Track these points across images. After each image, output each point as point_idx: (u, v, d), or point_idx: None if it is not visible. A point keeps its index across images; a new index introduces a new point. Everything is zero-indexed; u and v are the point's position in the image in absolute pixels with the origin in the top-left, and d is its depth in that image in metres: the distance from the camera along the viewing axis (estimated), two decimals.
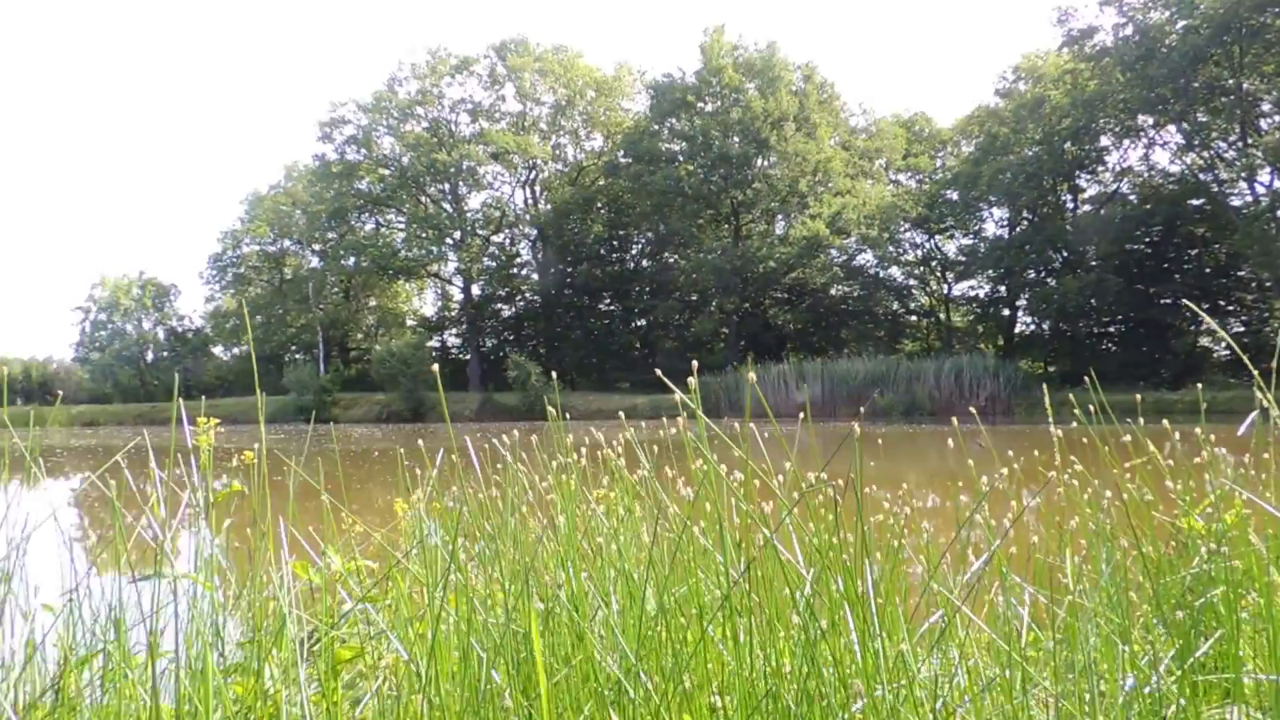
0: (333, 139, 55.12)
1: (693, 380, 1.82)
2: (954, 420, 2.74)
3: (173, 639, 2.21)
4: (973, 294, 48.48)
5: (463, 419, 42.24)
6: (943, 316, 50.16)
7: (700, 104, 49.17)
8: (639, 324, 55.50)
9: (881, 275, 49.57)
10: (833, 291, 49.13)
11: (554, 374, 2.96)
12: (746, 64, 48.31)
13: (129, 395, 56.46)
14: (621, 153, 52.40)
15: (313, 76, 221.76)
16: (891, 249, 47.20)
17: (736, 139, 47.30)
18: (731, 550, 1.88)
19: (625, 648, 1.72)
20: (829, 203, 46.82)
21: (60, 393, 53.87)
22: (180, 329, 64.69)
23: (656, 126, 50.46)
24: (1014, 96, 43.97)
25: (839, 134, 50.80)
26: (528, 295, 58.15)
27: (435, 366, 2.50)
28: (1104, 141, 41.28)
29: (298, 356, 57.62)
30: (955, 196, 45.04)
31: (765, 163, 48.41)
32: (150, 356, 62.75)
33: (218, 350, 64.34)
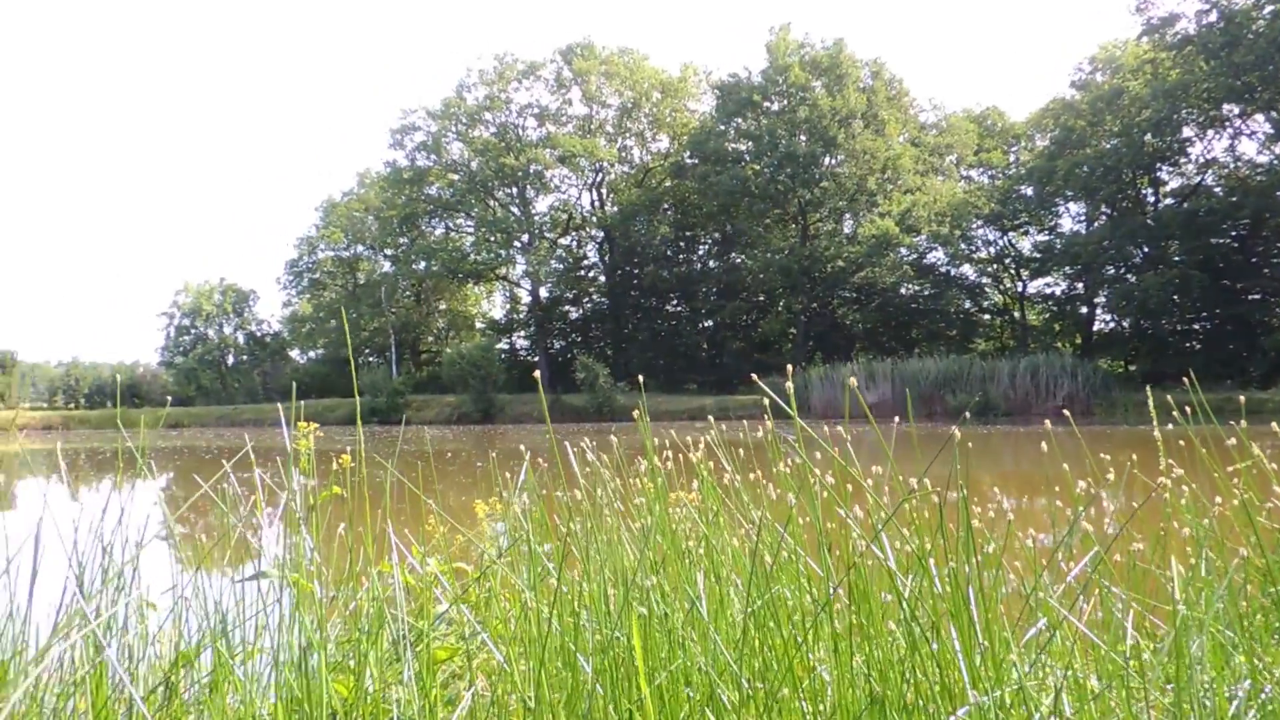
0: (403, 146, 56.18)
1: (789, 385, 1.79)
2: (1046, 423, 2.67)
3: (274, 637, 2.27)
4: (1049, 291, 47.34)
5: (531, 420, 42.61)
6: (1017, 315, 49.05)
7: (766, 103, 48.88)
8: (706, 325, 55.38)
9: (953, 273, 48.71)
10: (903, 290, 48.38)
11: (641, 377, 2.96)
12: (813, 62, 47.89)
13: (211, 398, 58.17)
14: (688, 154, 52.38)
15: (387, 86, 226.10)
16: (963, 246, 46.32)
17: (803, 138, 46.91)
18: (826, 556, 1.86)
19: (725, 652, 1.71)
20: (898, 200, 46.18)
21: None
22: (259, 333, 66.46)
23: (723, 127, 50.29)
24: (1091, 88, 42.76)
25: (908, 130, 50.05)
26: (595, 297, 58.47)
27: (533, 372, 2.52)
28: (1186, 133, 39.91)
29: (371, 359, 58.79)
30: (1030, 192, 44.03)
31: (833, 161, 47.92)
32: (230, 360, 64.59)
33: (294, 354, 65.96)
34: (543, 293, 57.54)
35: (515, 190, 55.94)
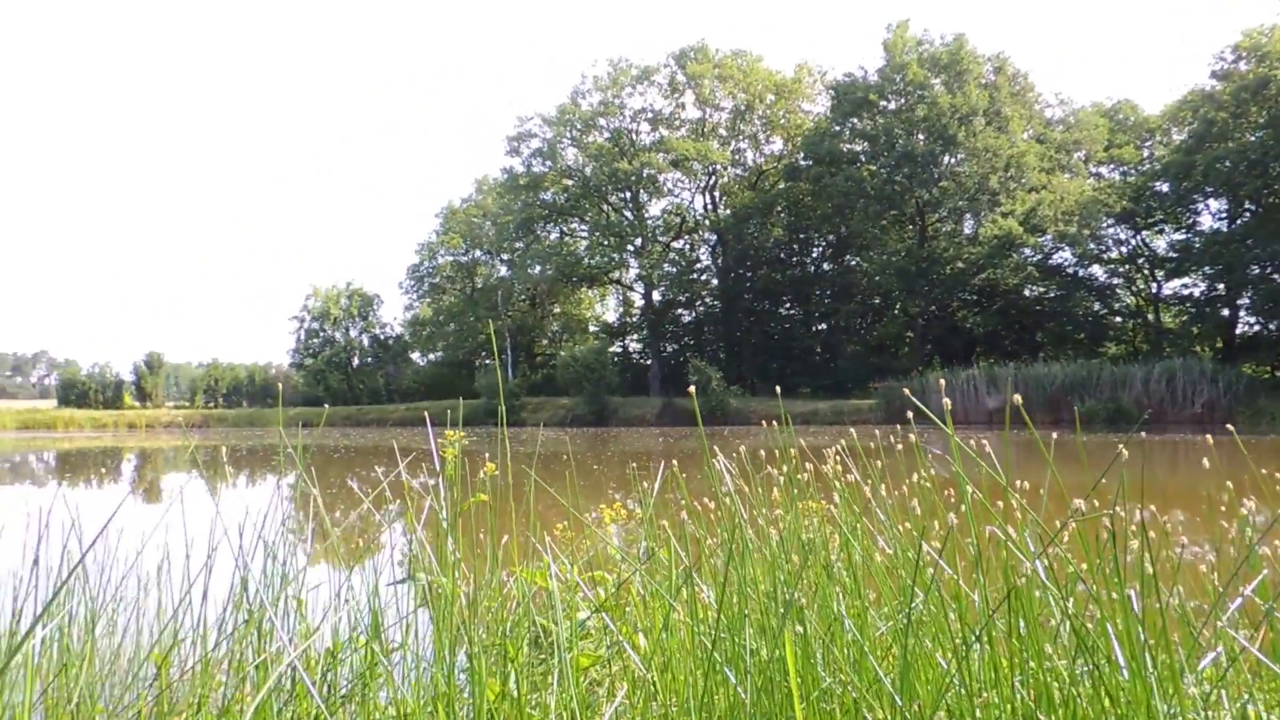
0: (520, 152, 57.25)
1: (947, 402, 1.73)
2: (1208, 437, 2.52)
3: (419, 637, 2.33)
4: (1186, 293, 44.84)
5: (643, 423, 42.81)
6: (1151, 317, 46.66)
7: (883, 102, 47.91)
8: (820, 328, 54.61)
9: (1081, 274, 46.68)
10: (1026, 292, 46.65)
11: (778, 388, 2.93)
12: (932, 59, 46.70)
13: (338, 398, 60.48)
14: (802, 155, 51.79)
15: (504, 95, 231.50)
16: (1093, 246, 44.32)
17: (922, 136, 45.79)
18: (982, 575, 1.80)
19: (881, 674, 1.67)
20: (1022, 199, 44.57)
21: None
22: (382, 336, 68.82)
23: (838, 127, 49.53)
24: (1234, 78, 40.34)
25: (1033, 127, 48.25)
26: (708, 300, 58.37)
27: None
28: None
29: (488, 362, 60.13)
30: (1165, 188, 41.84)
31: (952, 160, 46.61)
32: (356, 362, 67.06)
33: (415, 356, 68.03)
34: (655, 296, 57.75)
35: (629, 194, 56.35)
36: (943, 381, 1.83)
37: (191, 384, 73.54)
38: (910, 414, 2.16)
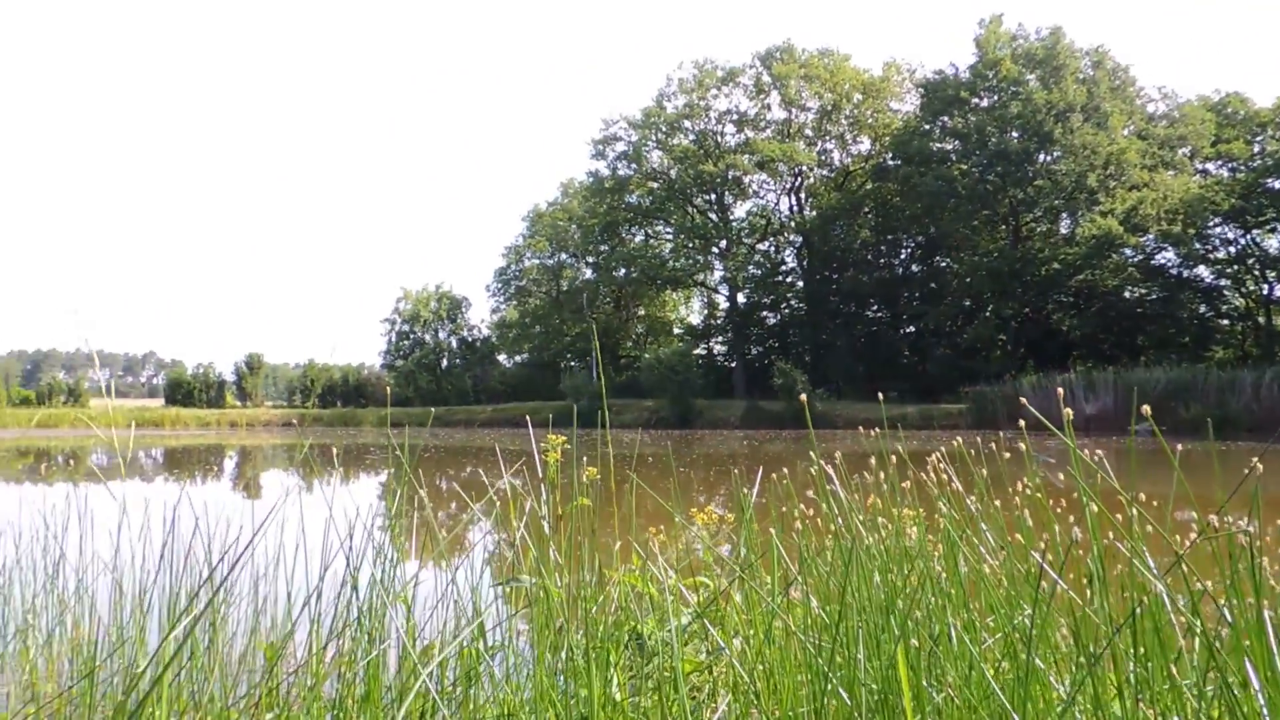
0: (605, 155, 57.64)
1: (1068, 411, 1.67)
2: None
3: (515, 638, 2.36)
4: None
5: (727, 426, 42.61)
6: (1261, 320, 44.51)
7: (975, 100, 46.82)
8: (908, 330, 53.60)
9: (1186, 275, 44.75)
10: (1126, 294, 44.94)
11: (880, 395, 2.88)
12: (1027, 54, 45.46)
13: (427, 399, 61.69)
14: (890, 155, 50.99)
15: (589, 98, 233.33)
16: (1198, 246, 42.50)
17: (1015, 134, 44.59)
18: (1103, 593, 1.73)
19: (997, 692, 1.62)
20: (1122, 198, 42.98)
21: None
22: (470, 338, 69.99)
23: (927, 126, 48.60)
24: None
25: (1134, 122, 46.50)
26: (793, 303, 57.85)
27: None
28: None
29: (572, 364, 60.60)
30: (1278, 185, 39.88)
31: (1048, 158, 45.25)
32: (445, 363, 68.35)
33: (501, 358, 69.03)
34: (740, 298, 57.50)
35: (713, 197, 56.26)
36: (1060, 390, 1.76)
37: (288, 384, 75.94)
38: (1022, 422, 2.09)
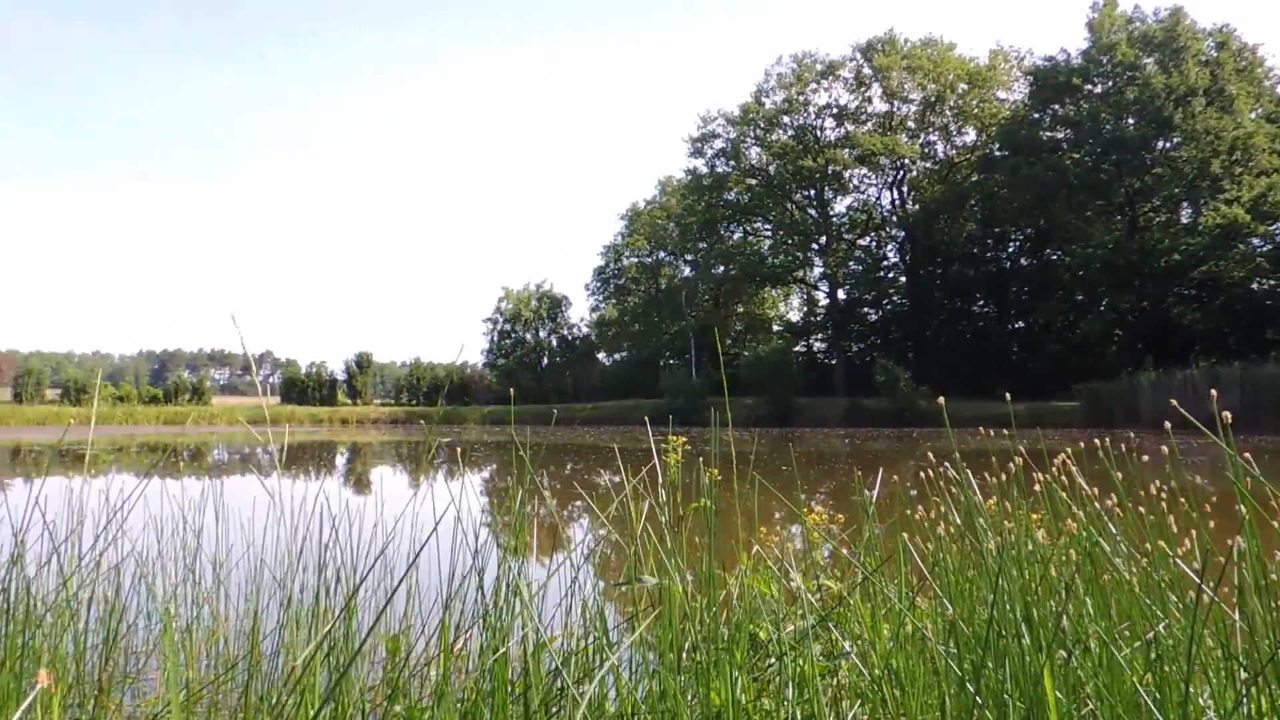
0: (703, 153, 57.53)
1: (1227, 415, 1.59)
2: None
3: (636, 637, 2.36)
4: None
5: (827, 424, 42.03)
6: None
7: (1088, 86, 45.07)
8: (1016, 326, 51.99)
9: None
10: (1255, 286, 42.58)
11: (1007, 394, 2.79)
12: (1143, 37, 43.52)
13: (528, 396, 62.69)
14: (997, 146, 49.54)
15: (688, 94, 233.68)
16: None
17: (1132, 120, 42.75)
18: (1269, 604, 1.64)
19: (1144, 697, 1.55)
20: (1250, 185, 40.74)
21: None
22: (570, 337, 70.83)
23: (1037, 115, 47.04)
24: None
25: (1263, 105, 44.03)
26: (895, 298, 56.75)
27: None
28: None
29: (671, 362, 60.70)
30: None
31: (1167, 144, 43.27)
32: (545, 362, 69.34)
33: (601, 356, 69.63)
34: (840, 295, 56.70)
35: (813, 192, 55.60)
36: (1215, 392, 1.67)
37: (396, 382, 78.13)
38: (1167, 423, 2.00)
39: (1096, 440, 2.86)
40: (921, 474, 2.96)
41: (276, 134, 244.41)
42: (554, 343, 70.85)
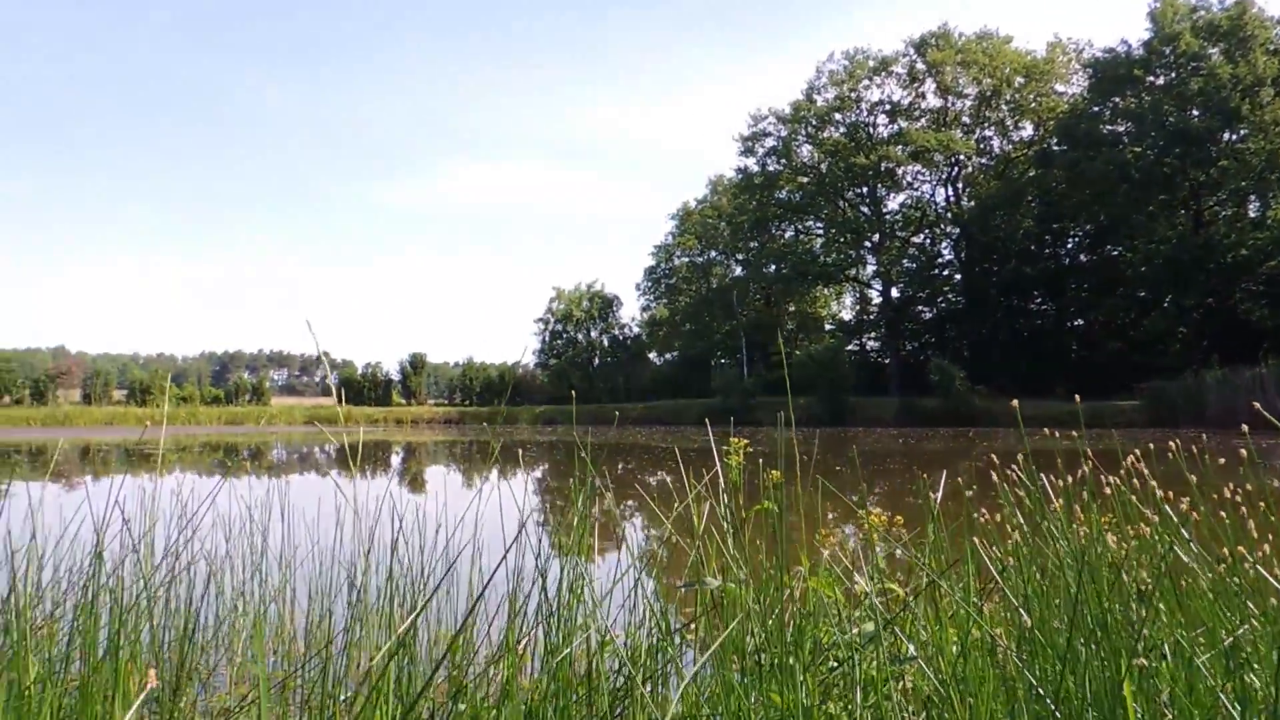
0: (754, 152, 57.28)
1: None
2: None
3: (696, 638, 2.36)
4: None
5: (881, 424, 41.58)
6: None
7: (1150, 78, 43.98)
8: (1076, 324, 50.92)
9: None
10: None
11: (1078, 397, 2.74)
12: (1208, 26, 42.34)
13: (579, 396, 62.96)
14: (1055, 140, 48.59)
15: (738, 93, 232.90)
16: None
17: (1196, 113, 41.61)
18: None
19: (1228, 706, 1.51)
20: None
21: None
22: (621, 337, 71.01)
23: (1096, 108, 46.02)
24: None
25: None
26: (950, 296, 55.97)
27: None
28: None
29: (723, 361, 60.55)
30: None
31: (1234, 137, 42.05)
32: (596, 361, 69.60)
33: (652, 355, 69.70)
34: (894, 293, 56.08)
35: (865, 190, 55.07)
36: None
37: (449, 383, 79.03)
38: (1244, 425, 1.94)
39: (1172, 441, 2.78)
40: (990, 474, 2.91)
41: (335, 145, 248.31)
42: (605, 342, 71.10)
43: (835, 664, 2.25)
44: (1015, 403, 2.09)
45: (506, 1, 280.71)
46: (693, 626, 2.45)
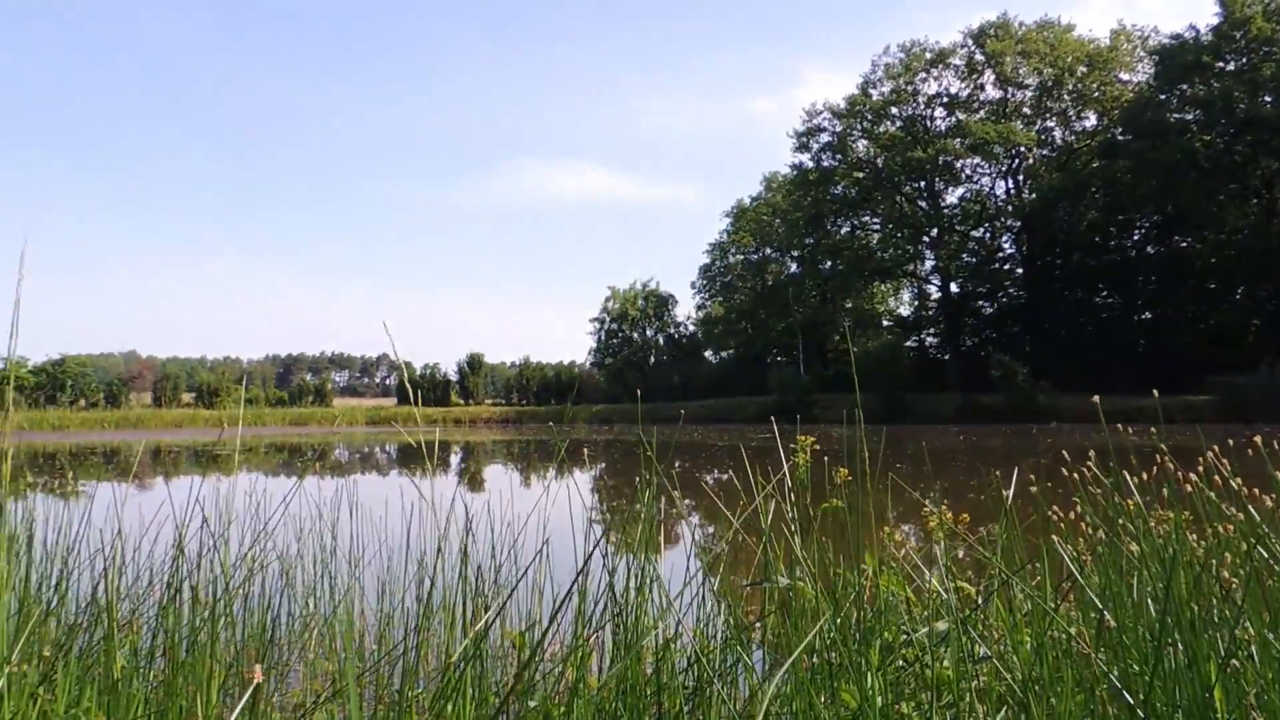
0: (808, 148, 56.86)
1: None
2: None
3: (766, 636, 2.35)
4: None
5: (940, 420, 40.99)
6: None
7: (1219, 64, 42.70)
8: (1143, 317, 49.65)
9: None
10: None
11: (1157, 394, 2.68)
12: None
13: (636, 395, 63.17)
14: (1120, 130, 47.42)
15: (792, 89, 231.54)
16: None
17: (1268, 99, 40.31)
18: None
19: None
20: None
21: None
22: (676, 335, 70.99)
23: (1163, 96, 44.80)
24: None
25: None
26: (1011, 291, 54.98)
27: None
28: None
29: (779, 359, 60.20)
30: None
31: None
32: (652, 360, 69.67)
33: (708, 354, 69.56)
34: (953, 288, 55.28)
35: (923, 184, 54.34)
36: None
37: (506, 383, 79.73)
38: None
39: (1256, 436, 2.70)
40: (1058, 471, 2.86)
41: (394, 148, 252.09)
42: (660, 341, 71.15)
43: (904, 663, 2.23)
44: (1096, 399, 2.04)
45: (559, 2, 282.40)
46: (758, 625, 2.44)
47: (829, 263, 56.01)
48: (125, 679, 2.11)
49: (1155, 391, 2.50)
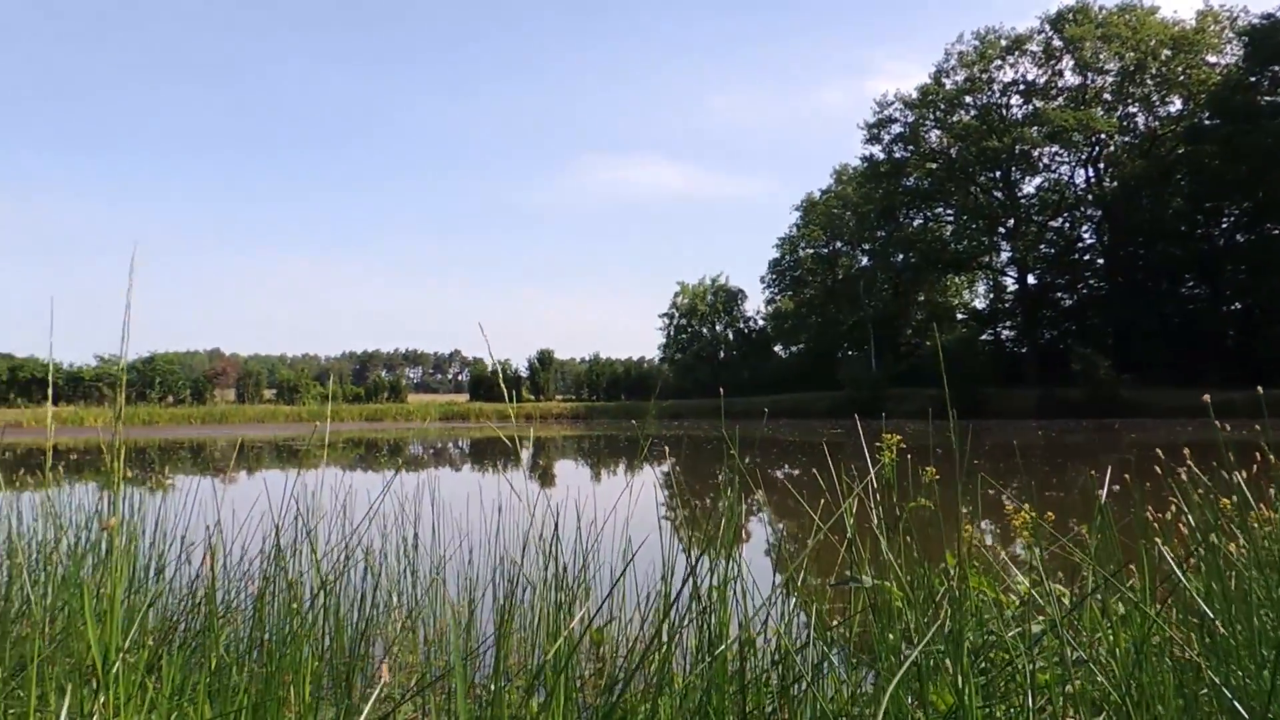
0: (880, 139, 56.07)
1: None
2: None
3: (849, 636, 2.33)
4: None
5: (1017, 415, 40.06)
6: None
7: None
8: (1233, 308, 47.78)
9: None
10: None
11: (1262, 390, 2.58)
12: None
13: (705, 391, 62.96)
14: (1207, 114, 45.71)
15: (861, 82, 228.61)
16: None
17: None
18: None
19: None
20: None
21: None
22: (746, 330, 70.62)
23: (1254, 78, 43.08)
24: None
25: None
26: (1091, 282, 53.45)
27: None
28: None
29: (850, 353, 59.48)
30: None
31: None
32: (721, 355, 69.43)
33: (777, 349, 69.06)
34: (1030, 280, 53.96)
35: (998, 174, 53.15)
36: None
37: (576, 378, 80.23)
38: None
39: None
40: (1143, 468, 2.77)
41: (466, 146, 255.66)
42: (730, 336, 70.85)
43: (991, 665, 2.19)
44: (1207, 397, 1.98)
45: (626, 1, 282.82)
46: (839, 625, 2.42)
47: (901, 255, 55.16)
48: (225, 669, 2.18)
49: (1259, 388, 2.40)
